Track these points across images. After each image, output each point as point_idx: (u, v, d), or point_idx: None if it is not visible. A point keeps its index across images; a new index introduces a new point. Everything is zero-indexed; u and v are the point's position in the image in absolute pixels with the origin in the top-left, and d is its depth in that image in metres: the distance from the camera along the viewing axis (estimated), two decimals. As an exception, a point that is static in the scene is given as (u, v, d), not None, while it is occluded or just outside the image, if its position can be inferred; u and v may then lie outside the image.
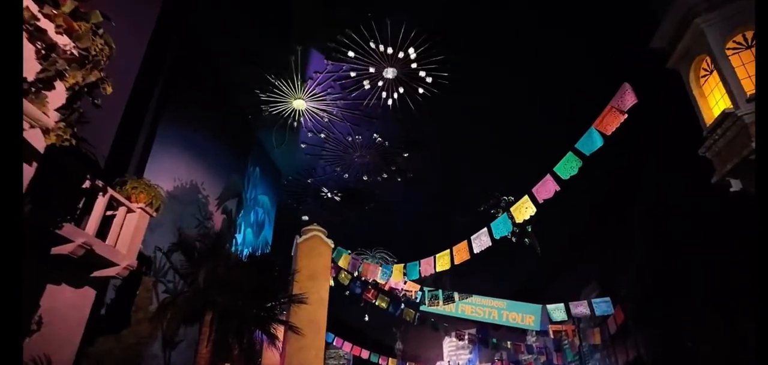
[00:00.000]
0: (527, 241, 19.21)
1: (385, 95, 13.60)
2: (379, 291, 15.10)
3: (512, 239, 18.91)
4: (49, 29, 3.67)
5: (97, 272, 5.80)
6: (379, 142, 15.85)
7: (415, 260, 12.02)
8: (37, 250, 4.71)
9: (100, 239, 5.60)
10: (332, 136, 15.65)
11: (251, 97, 13.70)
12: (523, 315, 13.17)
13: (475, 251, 10.05)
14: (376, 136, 15.50)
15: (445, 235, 12.08)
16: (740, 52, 6.43)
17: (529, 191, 8.93)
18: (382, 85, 13.26)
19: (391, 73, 12.86)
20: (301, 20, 11.53)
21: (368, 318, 21.09)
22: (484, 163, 16.50)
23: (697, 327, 9.52)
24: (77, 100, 3.90)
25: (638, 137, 9.71)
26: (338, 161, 17.05)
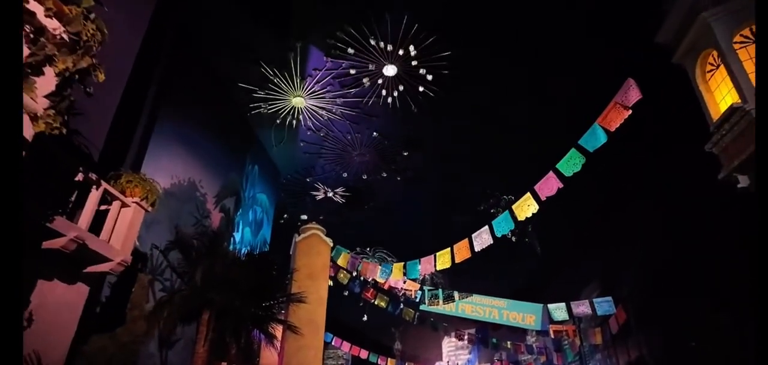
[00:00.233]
0: (527, 239, 19.15)
1: (384, 93, 13.48)
2: (378, 290, 14.98)
3: (512, 239, 18.89)
4: (37, 12, 3.51)
5: (90, 268, 5.64)
6: (378, 140, 15.72)
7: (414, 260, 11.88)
8: (27, 244, 4.56)
9: (93, 234, 5.45)
10: (331, 134, 15.52)
11: (250, 94, 13.57)
12: (523, 314, 13.03)
13: (476, 250, 9.91)
14: (375, 134, 15.37)
15: (445, 235, 11.91)
16: (748, 45, 6.33)
17: (531, 188, 8.79)
18: (381, 82, 13.13)
19: (391, 70, 12.73)
20: (300, 16, 11.42)
21: (367, 317, 21.00)
22: (484, 162, 16.40)
23: (701, 326, 9.41)
24: (68, 87, 3.76)
25: (641, 134, 9.60)
26: (337, 160, 16.93)
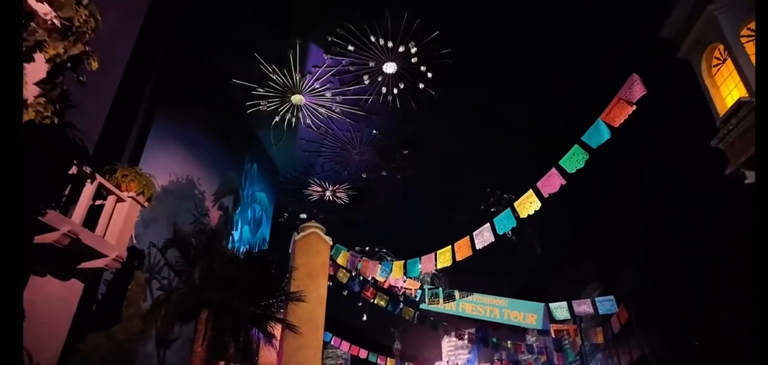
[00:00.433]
0: (527, 239, 19.05)
1: (384, 91, 13.36)
2: (378, 289, 14.85)
3: (513, 238, 18.79)
4: (27, -5, 3.40)
5: (84, 264, 5.51)
6: (378, 139, 15.61)
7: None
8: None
9: (87, 229, 5.32)
10: (331, 132, 15.40)
11: (249, 92, 13.45)
12: (524, 313, 12.89)
13: (477, 248, 9.78)
14: (375, 132, 15.25)
15: (445, 234, 11.79)
16: (755, 39, 6.22)
17: (533, 185, 8.67)
18: (381, 80, 13.01)
19: (391, 67, 12.62)
20: (300, 12, 11.31)
21: (366, 317, 20.90)
22: (484, 161, 16.28)
23: (704, 326, 9.31)
24: (59, 74, 3.64)
25: (642, 132, 9.49)
26: (337, 158, 16.81)
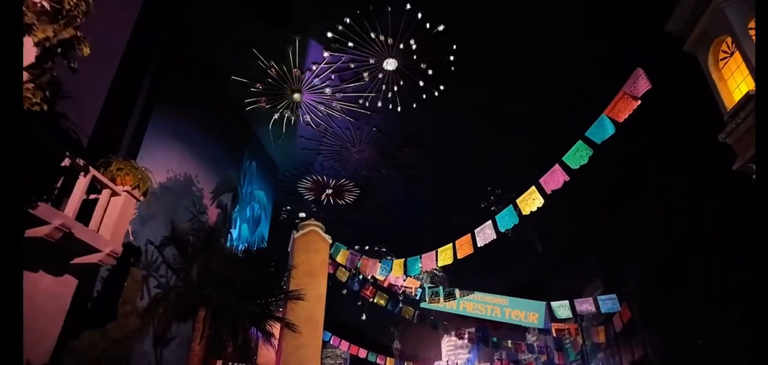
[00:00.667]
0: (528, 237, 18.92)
1: (385, 88, 13.23)
2: (377, 288, 14.71)
3: (511, 236, 18.65)
4: (15, -23, 3.26)
5: (77, 259, 5.37)
6: (378, 136, 15.47)
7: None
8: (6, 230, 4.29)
9: (81, 223, 5.18)
10: (331, 130, 15.27)
11: (248, 89, 13.31)
12: (526, 312, 12.72)
13: (478, 245, 9.65)
14: (375, 129, 15.12)
15: (445, 233, 11.65)
16: (763, 31, 6.10)
17: (536, 182, 8.53)
18: (382, 77, 12.88)
19: (391, 64, 12.50)
20: (299, 9, 11.18)
21: (365, 316, 20.75)
22: (484, 160, 16.16)
23: (706, 325, 9.19)
24: (49, 59, 3.51)
25: (644, 130, 9.36)
26: (337, 156, 16.67)
